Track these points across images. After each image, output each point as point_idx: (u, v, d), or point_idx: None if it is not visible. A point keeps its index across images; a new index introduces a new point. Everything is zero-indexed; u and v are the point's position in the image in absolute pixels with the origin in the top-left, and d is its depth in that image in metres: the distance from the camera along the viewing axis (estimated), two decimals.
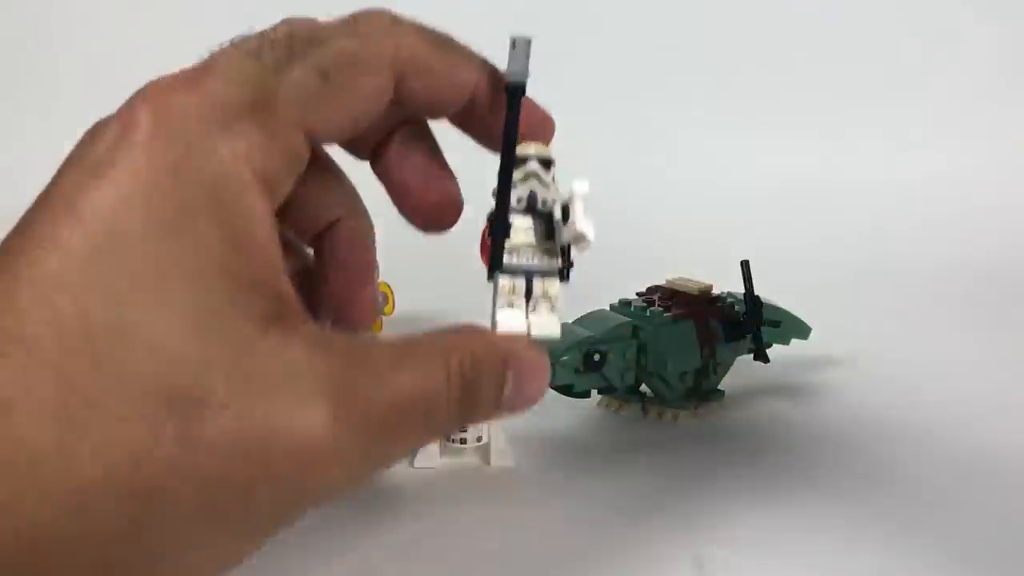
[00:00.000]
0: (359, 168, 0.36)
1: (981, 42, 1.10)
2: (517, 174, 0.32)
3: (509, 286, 0.33)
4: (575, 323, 0.54)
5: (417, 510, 0.45)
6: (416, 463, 0.49)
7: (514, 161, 0.32)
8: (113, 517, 0.24)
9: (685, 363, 0.54)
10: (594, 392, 0.54)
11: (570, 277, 0.33)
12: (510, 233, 0.32)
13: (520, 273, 0.33)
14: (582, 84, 1.08)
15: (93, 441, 0.24)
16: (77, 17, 1.12)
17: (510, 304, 0.33)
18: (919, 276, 0.87)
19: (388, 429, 0.28)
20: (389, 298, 0.66)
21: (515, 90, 0.32)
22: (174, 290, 0.26)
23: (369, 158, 0.36)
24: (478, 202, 0.35)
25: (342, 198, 0.36)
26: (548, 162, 0.33)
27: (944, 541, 0.43)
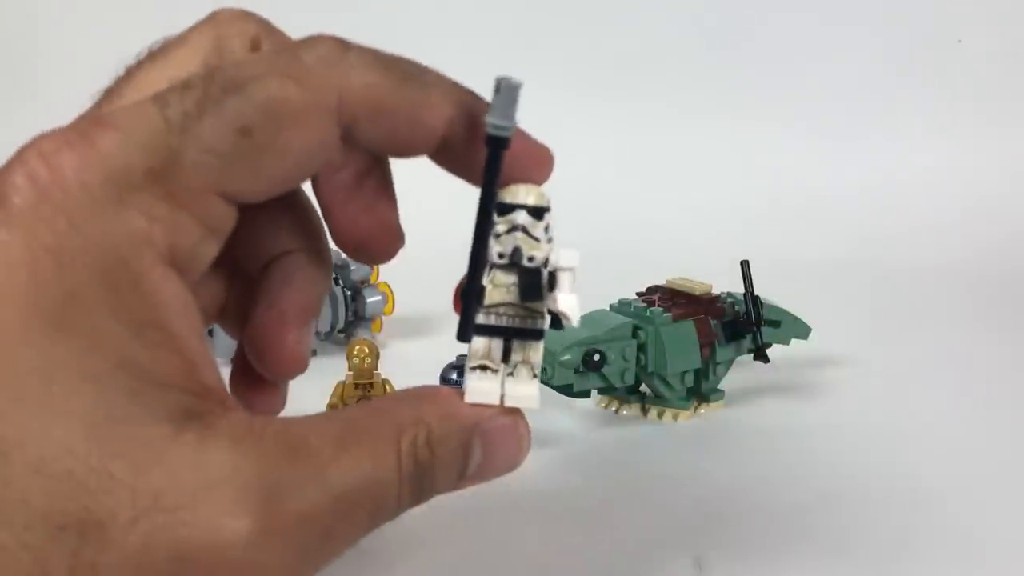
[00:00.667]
0: None
1: (981, 43, 1.10)
2: (501, 225, 0.28)
3: (484, 347, 0.28)
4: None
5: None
6: None
7: (491, 218, 0.28)
8: None
9: (685, 363, 0.54)
10: (594, 392, 0.54)
11: (563, 327, 0.29)
12: (483, 299, 0.28)
13: (498, 334, 0.28)
14: (582, 84, 1.08)
15: None
16: (60, 18, 1.12)
17: (483, 368, 0.28)
18: (920, 276, 0.87)
19: (328, 530, 0.25)
20: (389, 298, 0.66)
21: (496, 143, 0.27)
22: (63, 397, 0.22)
23: None
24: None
25: (293, 230, 0.31)
26: (540, 210, 0.28)
27: (944, 541, 0.43)
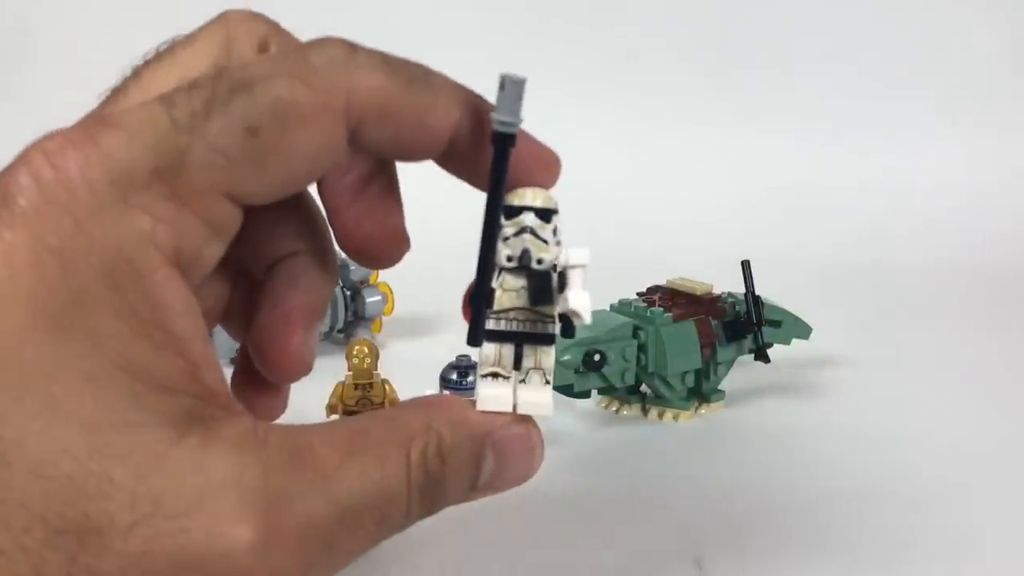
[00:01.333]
0: None
1: (981, 43, 1.10)
2: (509, 227, 0.27)
3: (495, 353, 0.28)
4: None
5: None
6: None
7: (499, 220, 0.27)
8: None
9: (686, 363, 0.54)
10: (594, 392, 0.54)
11: (575, 332, 0.29)
12: (493, 302, 0.28)
13: (508, 340, 0.28)
14: (583, 84, 1.08)
15: None
16: (66, 18, 1.12)
17: (494, 374, 0.28)
18: (920, 276, 0.87)
19: (332, 541, 0.24)
20: (389, 298, 0.66)
21: (503, 140, 0.27)
22: (64, 399, 0.22)
23: None
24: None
25: (299, 232, 0.31)
26: (548, 213, 0.28)
27: (945, 541, 0.42)
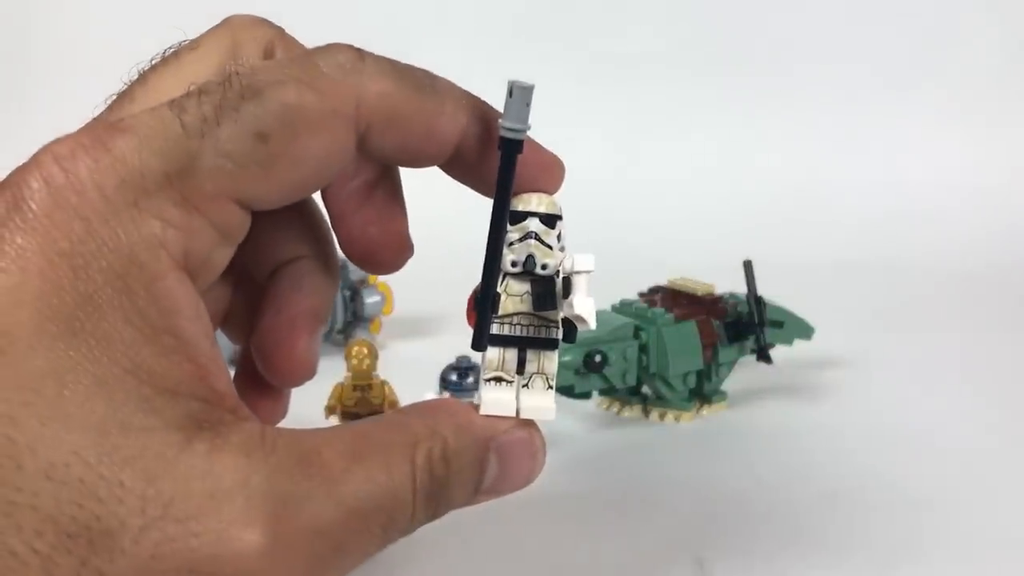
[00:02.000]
0: None
1: (981, 43, 1.10)
2: (514, 232, 0.28)
3: (498, 358, 0.28)
4: None
5: None
6: None
7: (505, 224, 0.28)
8: None
9: (687, 364, 0.54)
10: (595, 393, 0.53)
11: (576, 337, 0.29)
12: (498, 305, 0.28)
13: (512, 344, 0.28)
14: (584, 84, 1.08)
15: None
16: (69, 22, 1.12)
17: (497, 379, 0.28)
18: (922, 276, 0.87)
19: (338, 544, 0.24)
20: (388, 299, 0.66)
21: (511, 146, 0.27)
22: (75, 403, 0.22)
23: None
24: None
25: (302, 236, 0.31)
26: (553, 218, 0.28)
27: (946, 541, 0.42)
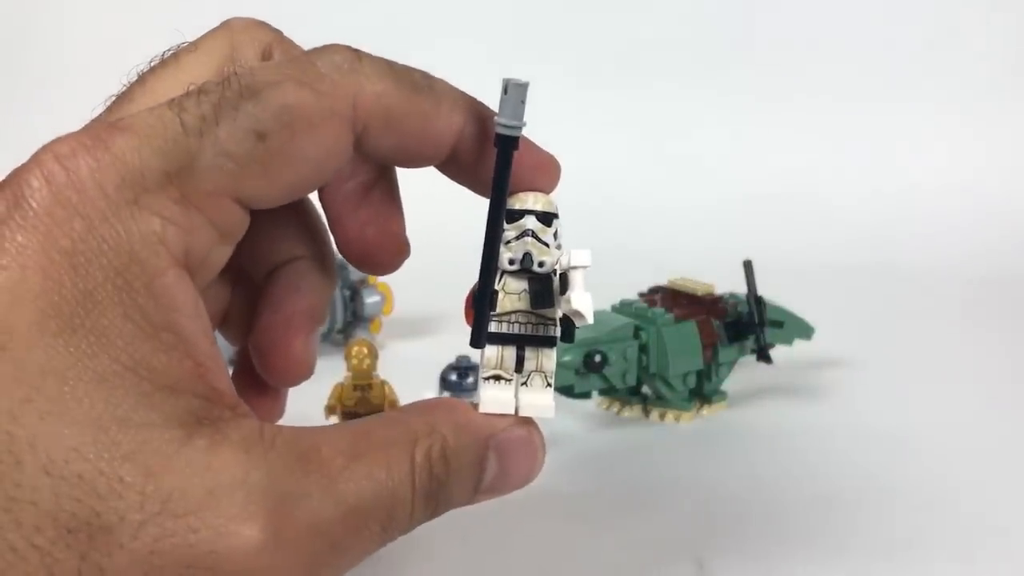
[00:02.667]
0: None
1: (982, 44, 1.10)
2: (511, 231, 0.28)
3: (497, 356, 0.29)
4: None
5: None
6: None
7: (502, 222, 0.28)
8: None
9: (687, 364, 0.54)
10: (595, 393, 0.53)
11: (574, 337, 0.29)
12: (496, 304, 0.28)
13: (510, 342, 0.29)
14: (585, 84, 1.08)
15: None
16: (68, 24, 1.12)
17: (496, 377, 0.29)
18: (922, 277, 0.87)
19: (337, 541, 0.25)
20: (388, 299, 0.66)
21: (506, 143, 0.27)
22: (74, 399, 0.22)
23: None
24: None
25: (299, 237, 0.32)
26: (549, 216, 0.28)
27: (946, 541, 0.42)
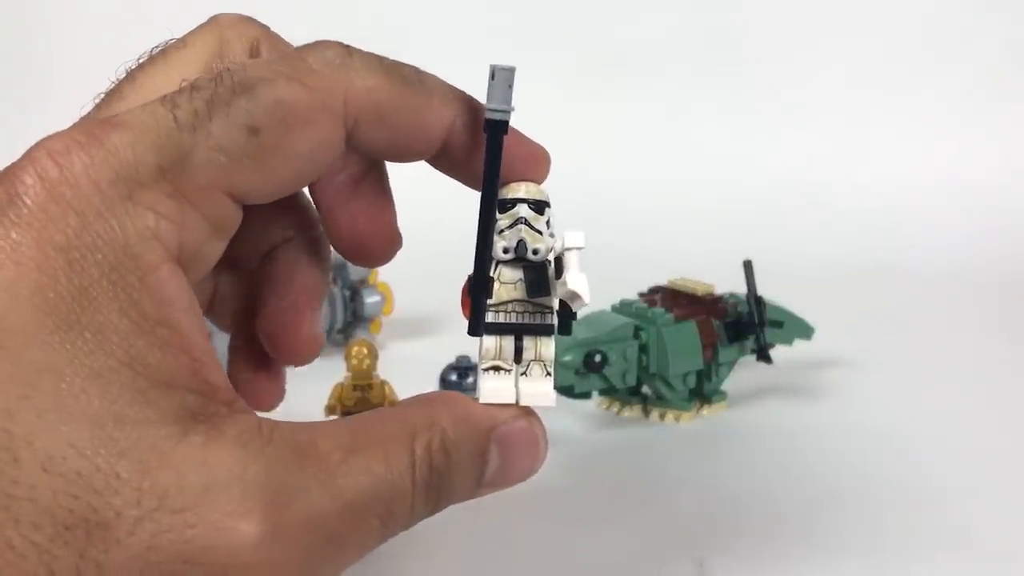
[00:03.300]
0: None
1: (983, 44, 1.10)
2: (504, 220, 0.28)
3: (495, 346, 0.28)
4: (576, 324, 0.53)
5: None
6: None
7: (495, 209, 0.27)
8: None
9: (687, 364, 0.54)
10: (595, 393, 0.53)
11: (571, 330, 0.29)
12: (492, 291, 0.28)
13: (508, 332, 0.28)
14: (584, 83, 1.08)
15: None
16: (59, 22, 1.12)
17: (495, 368, 0.28)
18: (923, 277, 0.87)
19: (336, 536, 0.24)
20: (388, 299, 0.66)
21: (496, 127, 0.27)
22: (71, 395, 0.22)
23: None
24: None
25: (289, 217, 0.32)
26: (541, 205, 0.28)
27: (947, 542, 0.42)
